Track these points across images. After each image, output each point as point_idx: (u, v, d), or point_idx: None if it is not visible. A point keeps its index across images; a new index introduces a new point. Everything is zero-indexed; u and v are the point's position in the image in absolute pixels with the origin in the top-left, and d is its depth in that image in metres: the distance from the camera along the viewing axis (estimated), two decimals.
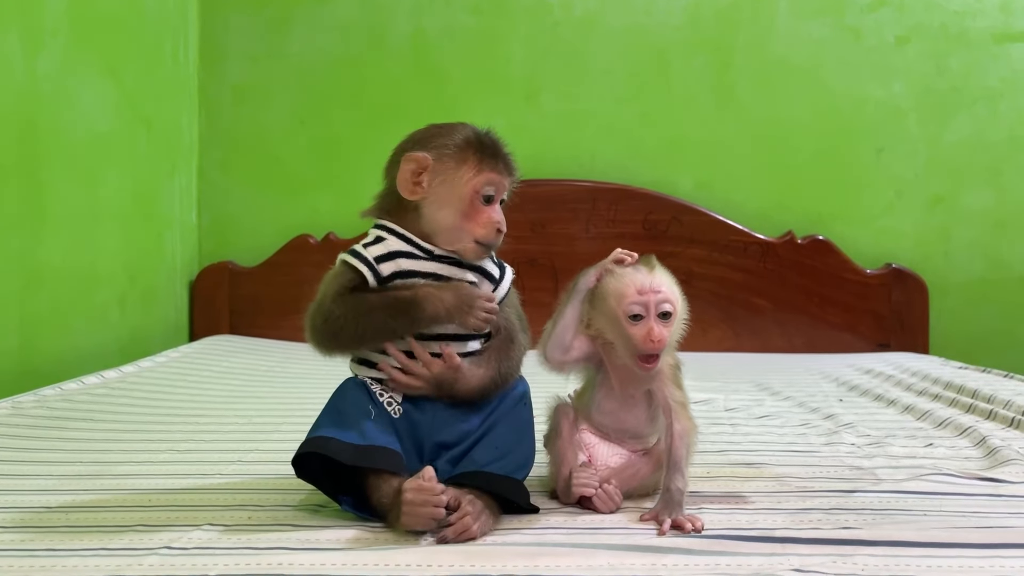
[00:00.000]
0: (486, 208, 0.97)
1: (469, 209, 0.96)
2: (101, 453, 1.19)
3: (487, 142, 0.99)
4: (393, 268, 0.96)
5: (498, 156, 0.98)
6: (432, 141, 0.98)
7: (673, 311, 0.93)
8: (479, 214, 0.97)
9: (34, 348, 1.76)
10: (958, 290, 2.46)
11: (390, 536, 0.84)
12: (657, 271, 0.95)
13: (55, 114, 1.83)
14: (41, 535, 0.84)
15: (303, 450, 0.89)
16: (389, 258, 0.96)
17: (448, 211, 0.97)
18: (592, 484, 0.92)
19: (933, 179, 2.48)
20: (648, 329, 0.91)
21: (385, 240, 0.98)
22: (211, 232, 2.53)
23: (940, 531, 0.84)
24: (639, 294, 0.92)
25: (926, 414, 1.46)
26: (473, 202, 0.97)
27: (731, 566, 0.76)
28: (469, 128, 1.00)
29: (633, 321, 0.92)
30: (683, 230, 2.42)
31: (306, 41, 2.51)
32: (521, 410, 0.98)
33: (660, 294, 0.92)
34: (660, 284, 0.93)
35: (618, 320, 0.93)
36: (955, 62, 2.47)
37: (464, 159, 0.97)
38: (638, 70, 2.51)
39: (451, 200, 0.96)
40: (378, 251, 0.97)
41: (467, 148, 0.97)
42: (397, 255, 0.97)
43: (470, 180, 0.96)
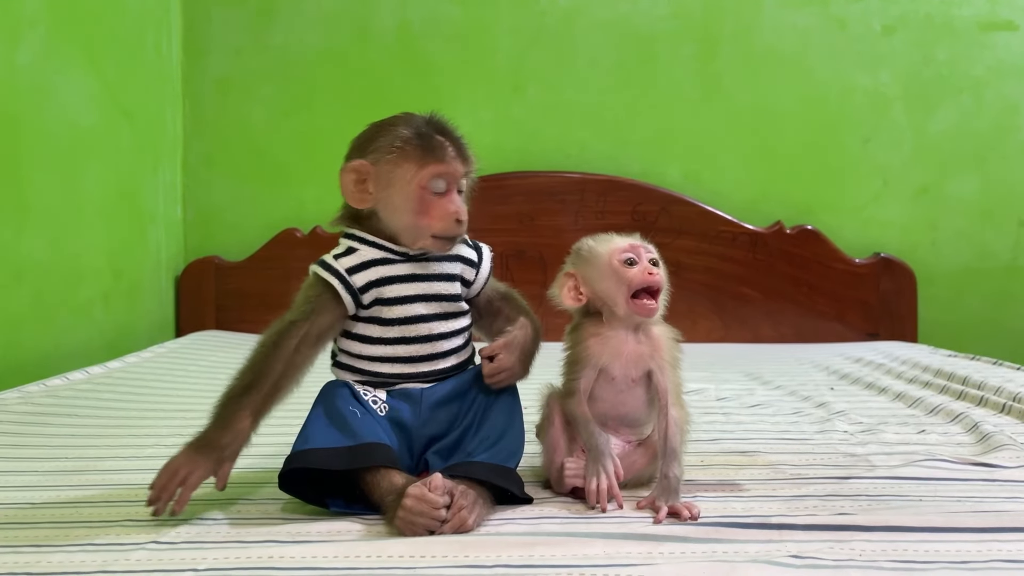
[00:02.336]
0: (439, 200, 0.94)
1: (420, 205, 0.94)
2: (86, 449, 1.17)
3: (426, 133, 0.95)
4: (368, 278, 0.95)
5: (442, 144, 0.95)
6: (370, 144, 0.96)
7: (661, 263, 0.97)
8: (433, 208, 0.94)
9: (18, 344, 1.74)
10: (945, 279, 2.47)
11: (382, 528, 0.83)
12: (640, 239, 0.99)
13: (35, 107, 1.80)
14: (26, 531, 0.83)
15: (292, 466, 0.87)
16: (363, 268, 0.95)
17: (400, 212, 0.94)
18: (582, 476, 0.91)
19: (919, 168, 2.48)
20: (644, 267, 0.95)
21: (357, 250, 0.96)
22: (196, 226, 2.50)
23: (936, 516, 0.84)
24: (631, 245, 0.97)
25: (917, 401, 1.46)
26: (423, 198, 0.94)
27: (728, 553, 0.75)
28: (409, 120, 0.96)
29: (628, 265, 0.95)
30: (672, 221, 2.42)
31: (290, 33, 2.49)
32: (508, 397, 0.97)
33: (647, 249, 0.97)
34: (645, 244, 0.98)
35: (613, 269, 0.96)
36: (941, 51, 2.48)
37: (404, 157, 0.94)
38: (625, 60, 2.50)
39: (400, 201, 0.94)
40: (350, 262, 0.95)
41: (405, 144, 0.94)
42: (371, 264, 0.95)
43: (413, 177, 0.93)
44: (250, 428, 0.90)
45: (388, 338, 0.96)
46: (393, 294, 0.95)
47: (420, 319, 0.96)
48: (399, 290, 0.95)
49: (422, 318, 0.96)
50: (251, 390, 0.90)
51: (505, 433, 0.93)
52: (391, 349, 0.96)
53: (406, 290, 0.96)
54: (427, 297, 0.96)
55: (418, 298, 0.96)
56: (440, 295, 0.97)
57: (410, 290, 0.96)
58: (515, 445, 0.94)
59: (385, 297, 0.95)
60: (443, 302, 0.97)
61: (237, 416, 0.89)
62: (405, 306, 0.96)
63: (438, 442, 0.95)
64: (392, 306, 0.95)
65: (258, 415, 0.90)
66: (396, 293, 0.95)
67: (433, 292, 0.97)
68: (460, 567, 0.72)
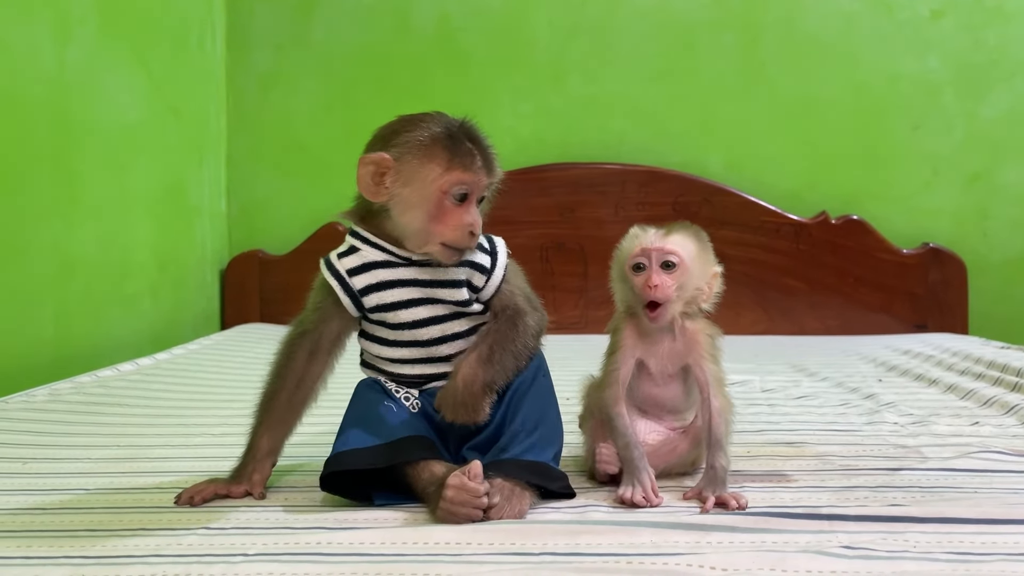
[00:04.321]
0: (457, 208, 0.90)
1: (436, 210, 0.89)
2: (137, 437, 1.19)
3: (457, 136, 0.91)
4: (369, 280, 0.92)
5: (471, 152, 0.90)
6: (396, 137, 0.91)
7: (679, 262, 0.92)
8: (448, 215, 0.89)
9: (69, 337, 1.77)
10: (997, 269, 2.41)
11: (428, 516, 0.83)
12: (670, 232, 0.94)
13: (85, 104, 1.84)
14: (81, 516, 0.85)
15: (332, 469, 0.87)
16: (364, 270, 0.92)
17: (414, 213, 0.90)
18: (616, 463, 0.91)
19: (970, 155, 2.42)
20: (647, 276, 0.92)
21: (360, 251, 0.93)
22: (240, 220, 2.54)
23: (993, 507, 0.81)
24: (642, 249, 0.93)
25: (970, 393, 1.43)
26: (441, 203, 0.89)
27: (777, 543, 0.74)
28: (440, 120, 0.92)
29: (636, 272, 0.93)
30: (714, 212, 2.39)
31: (331, 28, 2.51)
32: (540, 384, 0.95)
33: (663, 248, 0.92)
34: (664, 241, 0.93)
35: (626, 275, 0.94)
36: (992, 35, 2.41)
37: (430, 156, 0.89)
38: (665, 50, 2.47)
39: (417, 201, 0.89)
40: (352, 263, 0.93)
41: (433, 144, 0.90)
42: (373, 266, 0.92)
43: (436, 179, 0.89)
44: (267, 446, 0.93)
45: (400, 341, 0.94)
46: (394, 298, 0.92)
47: (428, 322, 0.93)
48: (401, 294, 0.92)
49: (430, 321, 0.93)
50: (266, 410, 0.93)
51: (540, 424, 0.91)
52: (406, 351, 0.94)
53: (408, 294, 0.92)
54: (432, 301, 0.93)
55: (422, 302, 0.93)
56: (445, 300, 0.93)
57: (413, 294, 0.92)
58: (551, 434, 0.92)
59: (387, 302, 0.92)
60: (449, 305, 0.93)
61: (255, 440, 0.93)
62: (410, 310, 0.92)
63: (473, 438, 0.93)
64: (396, 311, 0.92)
65: (275, 432, 0.93)
66: (397, 297, 0.92)
67: (437, 297, 0.93)
68: (507, 554, 0.72)
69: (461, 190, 0.90)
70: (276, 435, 0.93)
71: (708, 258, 0.95)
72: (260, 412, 0.94)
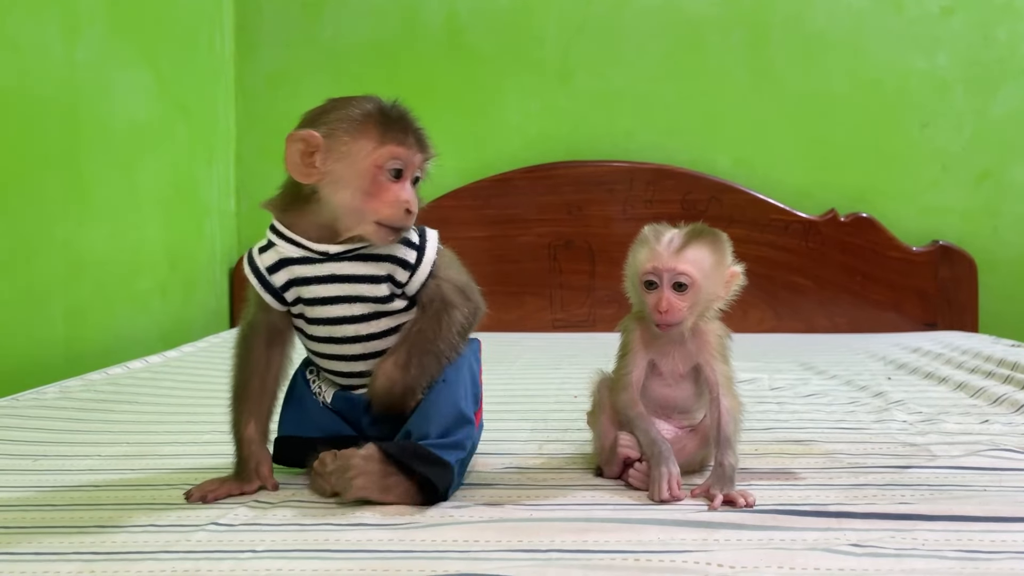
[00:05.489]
0: (392, 185, 0.87)
1: (371, 187, 0.87)
2: (147, 434, 1.20)
3: (392, 113, 0.89)
4: (287, 276, 0.91)
5: (404, 128, 0.89)
6: (325, 116, 0.89)
7: (691, 282, 0.91)
8: (383, 192, 0.87)
9: (79, 335, 1.78)
10: (1007, 266, 2.40)
11: (436, 513, 0.83)
12: (687, 245, 0.92)
13: (95, 103, 1.85)
14: (91, 512, 0.85)
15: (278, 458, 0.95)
16: (281, 266, 0.91)
17: (348, 191, 0.87)
18: (636, 448, 0.91)
19: (980, 153, 2.41)
20: (658, 299, 0.91)
21: (275, 246, 0.91)
22: (250, 219, 2.54)
23: (1002, 506, 0.81)
24: (653, 267, 0.91)
25: (980, 391, 1.42)
26: (375, 178, 0.87)
27: (785, 540, 0.74)
28: (371, 100, 0.90)
29: (647, 288, 0.92)
30: (722, 209, 2.38)
31: (339, 26, 2.51)
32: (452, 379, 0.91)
33: (675, 268, 0.91)
34: (677, 260, 0.91)
35: (638, 286, 0.94)
36: (1002, 32, 2.40)
37: (363, 131, 0.87)
38: (673, 47, 2.47)
39: (349, 178, 0.87)
40: (269, 259, 0.91)
41: (366, 120, 0.88)
42: (289, 262, 0.90)
43: (370, 154, 0.87)
44: (257, 432, 0.93)
45: (319, 336, 0.93)
46: (312, 295, 0.91)
47: (343, 320, 0.91)
48: (316, 291, 0.91)
49: (347, 319, 0.91)
50: (242, 399, 0.94)
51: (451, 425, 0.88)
52: (325, 347, 0.93)
53: (325, 291, 0.91)
54: (349, 298, 0.91)
55: (340, 299, 0.91)
56: (363, 297, 0.91)
57: (329, 291, 0.91)
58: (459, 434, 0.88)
59: (305, 297, 0.91)
60: (369, 303, 0.91)
61: (242, 430, 0.93)
62: (326, 307, 0.91)
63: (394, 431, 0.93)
64: (312, 306, 0.91)
65: (259, 417, 0.94)
66: (315, 294, 0.91)
67: (355, 294, 0.91)
68: (514, 551, 0.72)
69: (395, 165, 0.88)
70: (260, 421, 0.94)
71: (724, 264, 0.94)
72: (238, 404, 0.94)
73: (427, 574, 0.67)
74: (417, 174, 0.91)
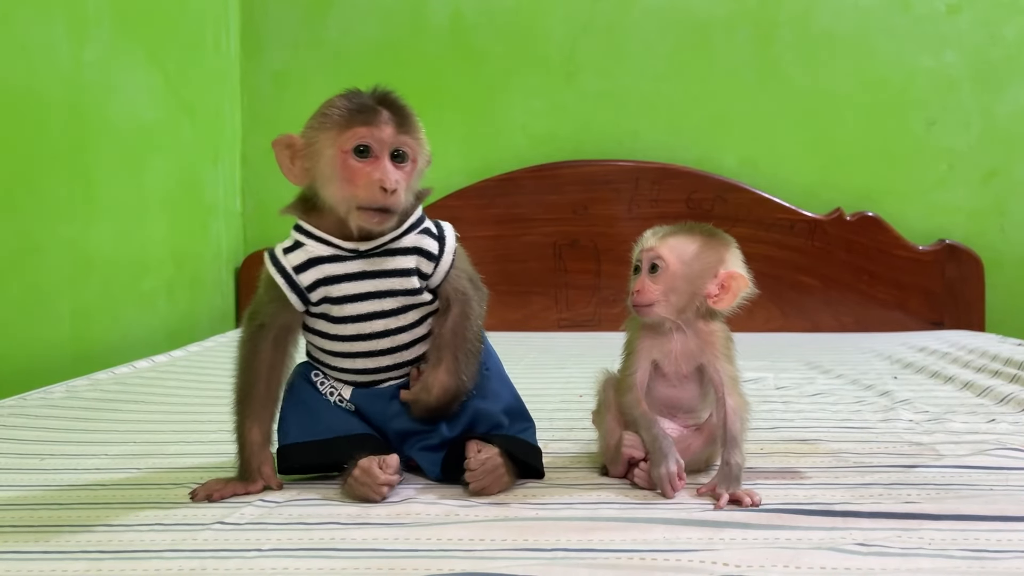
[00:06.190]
0: (363, 165, 0.86)
1: (344, 172, 0.86)
2: (153, 434, 1.20)
3: (355, 97, 0.88)
4: (316, 276, 0.91)
5: (371, 108, 0.87)
6: (308, 120, 0.90)
7: (664, 266, 0.92)
8: (356, 175, 0.86)
9: (86, 334, 1.79)
10: (1014, 265, 2.39)
11: (441, 511, 0.83)
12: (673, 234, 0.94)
13: (101, 103, 1.85)
14: (98, 511, 0.85)
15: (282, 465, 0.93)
16: (310, 265, 0.90)
17: (328, 184, 0.88)
18: (641, 448, 0.91)
19: (987, 151, 2.40)
20: (638, 280, 0.93)
21: (304, 245, 0.91)
22: (255, 219, 2.55)
23: (1008, 504, 0.81)
24: (640, 251, 0.95)
25: (986, 390, 1.42)
26: (346, 163, 0.86)
27: (791, 539, 0.74)
28: (347, 92, 0.90)
29: (634, 274, 0.95)
30: (728, 209, 2.38)
31: (344, 26, 2.51)
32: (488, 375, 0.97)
33: (651, 251, 0.93)
34: (657, 243, 0.93)
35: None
36: (1009, 30, 2.39)
37: (328, 122, 0.87)
38: (679, 46, 2.47)
39: (327, 171, 0.87)
40: (297, 259, 0.91)
41: (329, 110, 0.88)
42: (318, 261, 0.90)
43: (335, 141, 0.87)
44: (260, 435, 0.93)
45: (344, 335, 0.93)
46: (341, 293, 0.91)
47: (373, 316, 0.92)
48: (347, 289, 0.91)
49: (375, 315, 0.92)
50: (247, 402, 0.93)
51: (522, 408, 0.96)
52: (348, 345, 0.93)
53: (356, 288, 0.91)
54: (380, 294, 0.92)
55: (370, 295, 0.91)
56: (395, 291, 0.92)
57: (360, 288, 0.91)
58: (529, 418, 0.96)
59: (333, 296, 0.91)
60: (398, 296, 0.92)
61: (245, 433, 0.92)
62: (355, 304, 0.91)
63: (416, 438, 0.94)
64: (342, 304, 0.91)
65: (263, 421, 0.93)
66: (344, 292, 0.91)
67: (387, 288, 0.92)
68: (519, 550, 0.72)
69: (360, 143, 0.87)
70: (264, 425, 0.93)
71: (714, 261, 0.93)
72: (242, 406, 0.93)
73: (433, 573, 0.67)
74: (401, 150, 0.89)
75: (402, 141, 0.88)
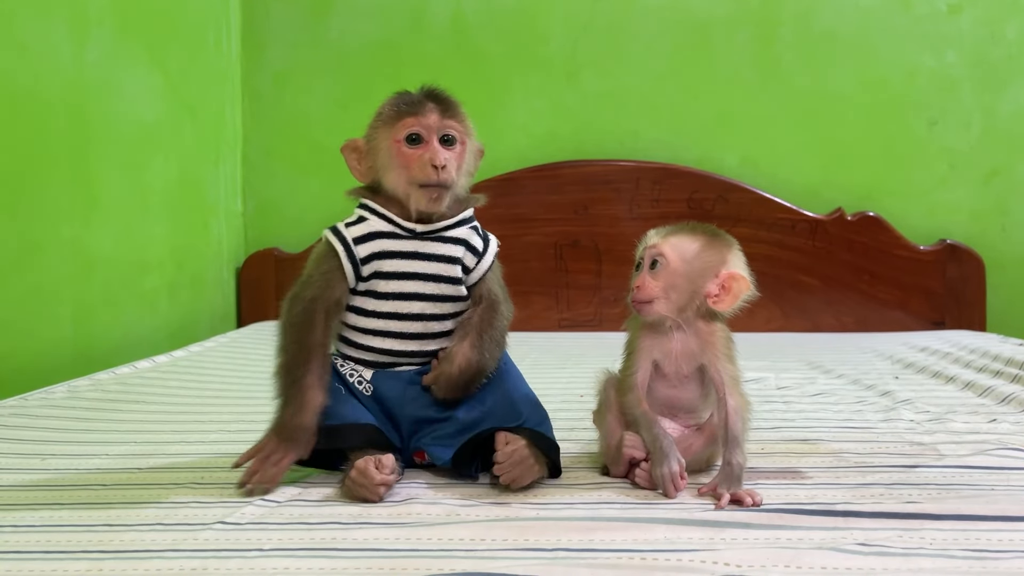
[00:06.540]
0: (414, 149, 0.96)
1: (400, 160, 0.96)
2: (154, 434, 1.20)
3: (404, 94, 0.99)
4: (372, 249, 0.97)
5: (417, 100, 0.98)
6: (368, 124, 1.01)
7: (665, 263, 0.93)
8: (411, 159, 0.96)
9: (87, 334, 1.79)
10: (1016, 265, 2.39)
11: (442, 511, 0.83)
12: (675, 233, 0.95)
13: (102, 103, 1.85)
14: (99, 511, 0.85)
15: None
16: (368, 239, 0.97)
17: (390, 172, 0.98)
18: (642, 448, 0.91)
19: (989, 151, 2.40)
20: (639, 276, 0.94)
21: (367, 220, 0.99)
22: (256, 219, 2.55)
23: (1010, 504, 0.81)
24: (643, 248, 0.96)
25: (988, 390, 1.42)
26: (400, 152, 0.97)
27: (792, 539, 0.74)
28: (400, 92, 1.00)
29: (636, 271, 0.96)
30: (729, 208, 2.38)
31: (345, 26, 2.51)
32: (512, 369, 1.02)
33: (653, 248, 0.94)
34: (660, 240, 0.94)
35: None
36: (1011, 29, 2.39)
37: (381, 120, 0.98)
38: (680, 46, 2.47)
39: (386, 163, 0.98)
40: (358, 231, 0.98)
41: (382, 109, 0.99)
42: (377, 235, 0.97)
43: (389, 134, 0.97)
44: (323, 402, 0.93)
45: (381, 312, 0.98)
46: (391, 268, 0.97)
47: (414, 296, 0.98)
48: (397, 265, 0.97)
49: (416, 296, 0.98)
50: (309, 364, 0.93)
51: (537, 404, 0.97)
52: (383, 323, 0.98)
53: (404, 266, 0.97)
54: (425, 276, 0.98)
55: (415, 276, 0.98)
56: (439, 276, 0.98)
57: (408, 267, 0.98)
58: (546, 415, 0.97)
59: (383, 271, 0.97)
60: (441, 283, 0.98)
61: (309, 394, 0.92)
62: (401, 282, 0.97)
63: (430, 427, 0.95)
64: (388, 280, 0.97)
65: (325, 387, 0.93)
66: (394, 268, 0.97)
67: (432, 272, 0.98)
68: (520, 550, 0.72)
69: (410, 132, 0.96)
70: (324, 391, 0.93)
71: (715, 260, 0.93)
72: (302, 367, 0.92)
73: (434, 573, 0.67)
74: (448, 134, 0.98)
75: (448, 125, 0.98)
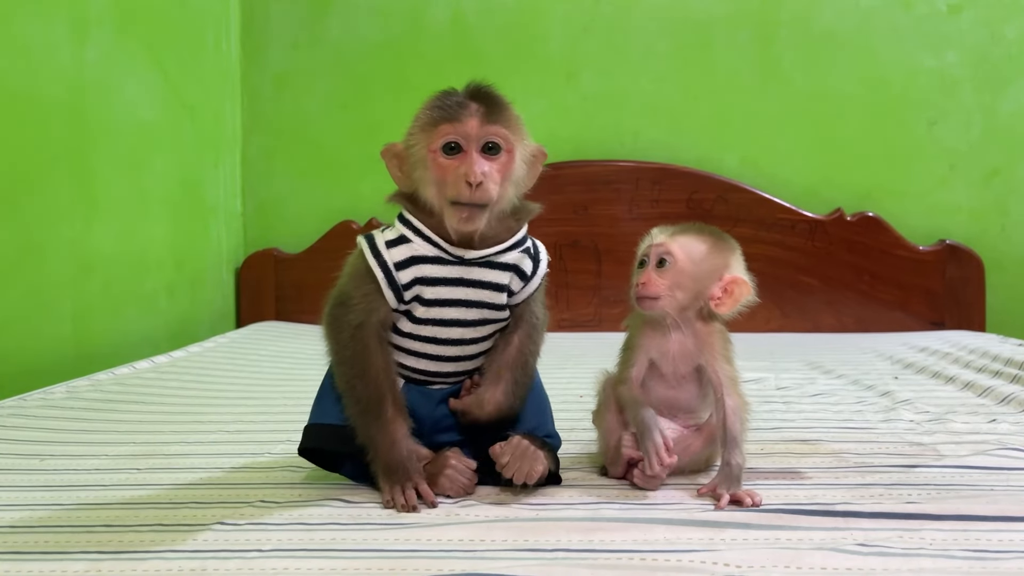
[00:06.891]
0: (451, 160, 0.85)
1: (436, 171, 0.86)
2: (153, 434, 1.20)
3: (443, 95, 0.88)
4: (414, 275, 0.88)
5: (458, 104, 0.86)
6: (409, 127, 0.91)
7: (673, 261, 0.93)
8: (447, 172, 0.85)
9: (87, 335, 1.79)
10: (1015, 265, 2.39)
11: (441, 512, 0.83)
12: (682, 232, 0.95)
13: (102, 104, 1.85)
14: (98, 511, 0.85)
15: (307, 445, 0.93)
16: (411, 263, 0.88)
17: (427, 186, 0.87)
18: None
19: (989, 151, 2.40)
20: (644, 273, 0.93)
21: (410, 242, 0.89)
22: (256, 219, 2.55)
23: (1010, 505, 0.81)
24: (647, 246, 0.95)
25: (987, 390, 1.42)
26: (436, 162, 0.86)
27: (792, 540, 0.74)
28: (444, 91, 0.89)
29: (639, 268, 0.95)
30: (729, 209, 2.38)
31: (345, 27, 2.51)
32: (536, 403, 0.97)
33: (660, 246, 0.94)
34: (667, 239, 0.94)
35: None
36: (1011, 29, 2.39)
37: (418, 126, 0.87)
38: (680, 46, 2.47)
39: (424, 174, 0.87)
40: (400, 254, 0.88)
41: (420, 113, 0.88)
42: (422, 260, 0.88)
43: (425, 141, 0.86)
44: (410, 426, 0.89)
45: (417, 335, 0.91)
46: (432, 295, 0.89)
47: (455, 323, 0.90)
48: (440, 292, 0.89)
49: (457, 322, 0.90)
50: (383, 400, 0.88)
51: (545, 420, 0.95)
52: (419, 345, 0.91)
53: (448, 293, 0.89)
54: (468, 303, 0.90)
55: (459, 303, 0.90)
56: (483, 303, 0.91)
57: (452, 294, 0.89)
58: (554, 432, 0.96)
59: (425, 297, 0.89)
60: (484, 309, 0.91)
61: (393, 427, 0.87)
62: (445, 308, 0.90)
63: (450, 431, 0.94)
64: (429, 307, 0.89)
65: (404, 410, 0.89)
66: (436, 295, 0.89)
67: (477, 299, 0.90)
68: (520, 550, 0.72)
69: (447, 140, 0.85)
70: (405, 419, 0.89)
71: (720, 263, 0.94)
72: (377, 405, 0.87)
73: (433, 573, 0.67)
74: (492, 142, 0.86)
75: (491, 132, 0.86)
